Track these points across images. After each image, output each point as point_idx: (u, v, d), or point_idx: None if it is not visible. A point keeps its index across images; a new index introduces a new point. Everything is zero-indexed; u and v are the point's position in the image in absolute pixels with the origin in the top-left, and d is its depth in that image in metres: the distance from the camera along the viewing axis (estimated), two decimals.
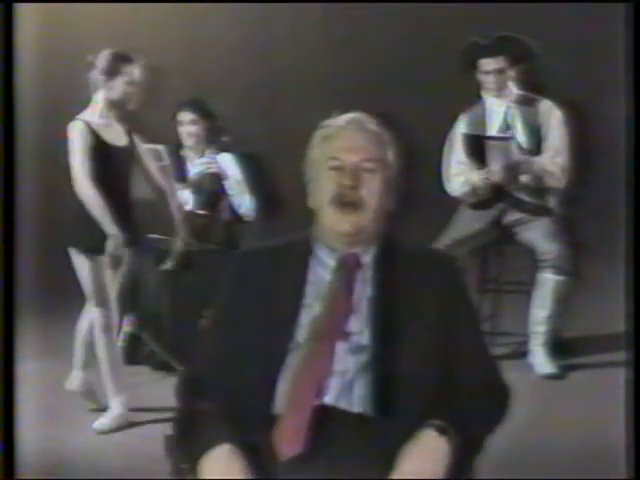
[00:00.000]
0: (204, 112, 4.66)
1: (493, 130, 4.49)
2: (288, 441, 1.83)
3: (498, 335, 4.60)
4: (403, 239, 2.10)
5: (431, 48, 5.62)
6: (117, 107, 3.84)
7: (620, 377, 2.84)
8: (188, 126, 4.65)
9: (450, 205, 4.65)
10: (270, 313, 1.97)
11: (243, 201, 4.67)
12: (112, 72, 3.78)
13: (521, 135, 4.44)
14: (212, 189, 4.66)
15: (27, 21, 3.70)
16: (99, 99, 3.82)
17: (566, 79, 5.16)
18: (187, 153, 4.73)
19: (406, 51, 5.77)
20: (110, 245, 3.75)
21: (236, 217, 4.71)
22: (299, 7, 5.84)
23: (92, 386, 4.05)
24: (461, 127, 4.57)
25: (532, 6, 5.57)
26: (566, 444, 3.34)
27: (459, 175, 4.53)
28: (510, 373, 2.07)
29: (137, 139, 3.96)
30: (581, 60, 5.61)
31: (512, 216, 4.48)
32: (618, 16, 2.83)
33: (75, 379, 4.04)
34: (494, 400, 1.97)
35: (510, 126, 4.46)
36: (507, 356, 4.37)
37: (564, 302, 4.31)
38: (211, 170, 4.66)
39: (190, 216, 4.60)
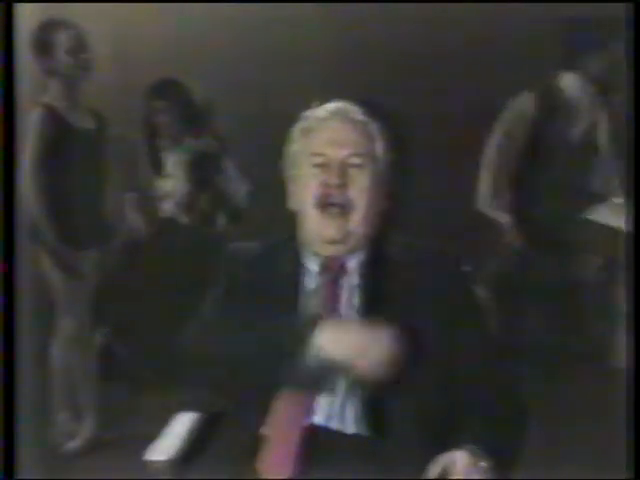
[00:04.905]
0: (179, 96, 4.19)
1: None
2: (276, 465, 1.70)
3: None
4: (396, 240, 1.91)
5: (435, 38, 5.52)
6: (72, 83, 3.54)
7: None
8: (162, 112, 4.18)
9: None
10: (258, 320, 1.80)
11: (238, 188, 4.28)
12: (48, 45, 3.48)
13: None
14: (205, 173, 4.25)
15: (27, 21, 3.67)
16: (52, 81, 3.53)
17: None
18: (162, 142, 4.25)
19: (411, 34, 5.64)
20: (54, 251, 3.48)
21: (230, 205, 4.31)
22: None
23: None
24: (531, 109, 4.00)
25: (532, 6, 5.55)
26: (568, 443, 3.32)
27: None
28: None
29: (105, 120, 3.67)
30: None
31: None
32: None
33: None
34: (509, 418, 1.79)
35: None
36: None
37: None
38: (205, 151, 4.25)
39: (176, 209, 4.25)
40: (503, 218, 3.97)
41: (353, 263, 1.85)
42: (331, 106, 1.89)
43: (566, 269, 4.28)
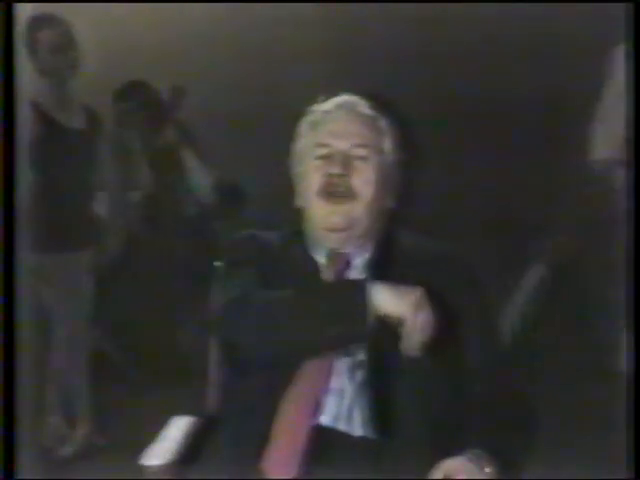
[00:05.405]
0: (144, 99, 4.23)
1: None
2: (281, 465, 1.68)
3: None
4: (405, 241, 1.88)
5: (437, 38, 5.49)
6: (60, 80, 3.47)
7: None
8: (128, 114, 4.23)
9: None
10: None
11: (201, 180, 4.25)
12: (34, 41, 3.42)
13: None
14: (169, 169, 4.25)
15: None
16: (39, 79, 3.47)
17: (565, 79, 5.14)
18: (135, 143, 4.28)
19: (411, 34, 5.60)
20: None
21: (193, 199, 4.30)
22: None
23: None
24: None
25: (532, 6, 5.55)
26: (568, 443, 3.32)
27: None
28: None
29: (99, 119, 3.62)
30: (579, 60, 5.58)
31: None
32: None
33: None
34: (516, 421, 1.77)
35: None
36: None
37: None
38: (169, 146, 4.25)
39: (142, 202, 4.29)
40: (619, 178, 3.51)
41: (359, 261, 1.83)
42: (338, 99, 1.88)
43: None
